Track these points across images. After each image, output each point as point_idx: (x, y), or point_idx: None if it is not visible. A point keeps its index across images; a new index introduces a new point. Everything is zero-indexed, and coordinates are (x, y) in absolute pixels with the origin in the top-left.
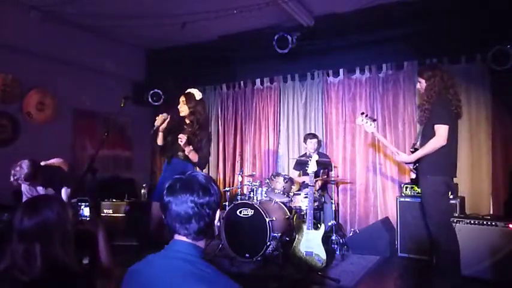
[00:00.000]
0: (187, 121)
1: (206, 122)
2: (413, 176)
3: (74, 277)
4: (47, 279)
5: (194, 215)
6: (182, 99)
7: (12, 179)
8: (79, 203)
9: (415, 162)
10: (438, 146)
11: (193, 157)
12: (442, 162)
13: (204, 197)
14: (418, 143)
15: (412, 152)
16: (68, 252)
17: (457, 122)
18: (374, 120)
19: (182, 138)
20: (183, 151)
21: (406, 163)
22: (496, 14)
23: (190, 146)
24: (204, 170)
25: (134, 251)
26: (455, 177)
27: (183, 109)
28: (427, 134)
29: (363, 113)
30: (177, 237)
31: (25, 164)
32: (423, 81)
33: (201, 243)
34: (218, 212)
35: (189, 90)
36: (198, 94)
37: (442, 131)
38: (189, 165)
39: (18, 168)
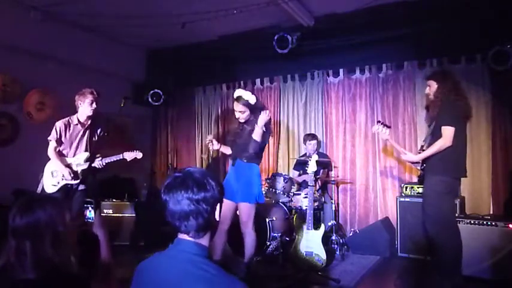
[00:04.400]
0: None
1: (251, 115)
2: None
3: (68, 278)
4: (41, 280)
5: (191, 212)
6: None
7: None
8: (85, 205)
9: (422, 163)
10: (444, 146)
11: (225, 150)
12: (445, 162)
13: (199, 192)
14: (426, 145)
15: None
16: (59, 253)
17: (466, 124)
18: (389, 127)
19: (209, 142)
20: (245, 155)
21: (413, 162)
22: (496, 14)
23: (217, 144)
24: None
25: (134, 251)
26: (461, 177)
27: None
28: (435, 136)
29: (379, 121)
30: (180, 235)
31: None
32: (434, 83)
33: (205, 241)
34: (218, 207)
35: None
36: (245, 95)
37: (448, 133)
38: (253, 165)
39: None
